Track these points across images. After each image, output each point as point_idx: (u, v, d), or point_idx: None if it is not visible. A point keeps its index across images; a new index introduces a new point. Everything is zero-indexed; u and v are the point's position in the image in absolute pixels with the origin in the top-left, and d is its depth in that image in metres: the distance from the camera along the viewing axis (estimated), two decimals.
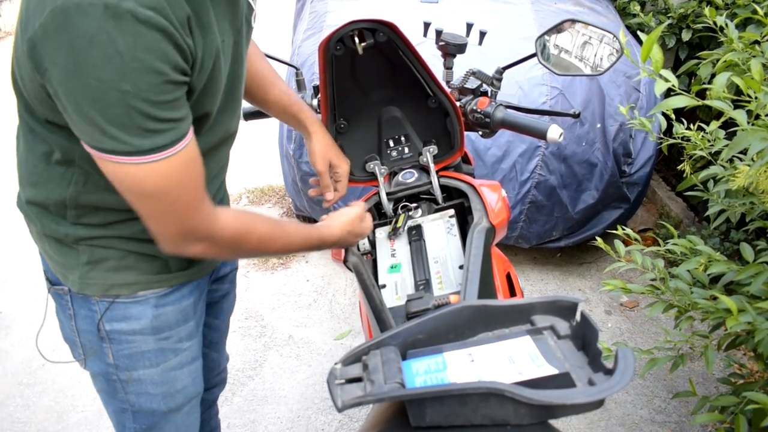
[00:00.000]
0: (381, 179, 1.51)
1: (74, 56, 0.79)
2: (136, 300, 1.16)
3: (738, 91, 1.50)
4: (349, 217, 1.31)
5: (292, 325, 2.89)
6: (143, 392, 1.24)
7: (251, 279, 3.18)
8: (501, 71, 1.55)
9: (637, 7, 3.38)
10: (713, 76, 1.54)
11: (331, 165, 1.44)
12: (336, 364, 0.92)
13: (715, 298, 1.59)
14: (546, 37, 1.53)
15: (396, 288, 1.33)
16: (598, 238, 1.83)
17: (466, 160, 1.70)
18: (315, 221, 1.37)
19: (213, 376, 1.62)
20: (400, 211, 1.50)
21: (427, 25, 1.63)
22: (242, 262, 3.15)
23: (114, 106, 0.82)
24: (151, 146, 0.87)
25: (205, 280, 1.31)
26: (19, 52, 0.91)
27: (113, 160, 0.88)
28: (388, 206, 1.50)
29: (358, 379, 0.88)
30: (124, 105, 0.82)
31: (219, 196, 1.27)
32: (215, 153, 1.15)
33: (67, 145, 1.01)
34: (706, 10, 1.72)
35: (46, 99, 0.92)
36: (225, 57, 1.01)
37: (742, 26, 2.58)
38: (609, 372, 0.80)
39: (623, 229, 1.80)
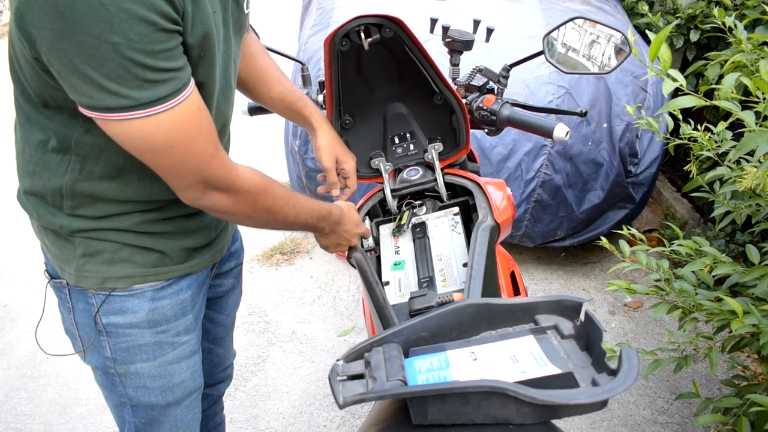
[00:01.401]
0: (386, 176, 1.51)
1: (60, 16, 0.79)
2: (132, 293, 1.16)
3: (746, 92, 1.49)
4: (356, 213, 1.35)
5: (295, 321, 2.89)
6: (141, 386, 1.24)
7: (255, 275, 3.18)
8: (508, 69, 1.54)
9: (646, 7, 3.37)
10: (721, 77, 1.54)
11: (337, 161, 1.44)
12: (338, 360, 0.92)
13: (719, 300, 1.58)
14: (553, 35, 1.52)
15: (399, 285, 1.32)
16: (602, 238, 1.82)
17: (471, 157, 1.69)
18: None
19: (218, 372, 1.62)
20: (404, 208, 1.50)
21: (434, 22, 1.63)
22: (246, 257, 3.15)
23: (108, 60, 0.82)
24: (152, 97, 0.87)
25: (204, 274, 1.30)
26: (12, 32, 0.91)
27: (118, 117, 0.88)
28: (392, 203, 1.49)
29: (360, 376, 0.88)
30: (119, 57, 0.82)
31: None
32: None
33: (63, 132, 1.01)
34: (715, 11, 1.71)
35: (41, 76, 0.92)
36: (217, 30, 1.00)
37: (751, 27, 2.57)
38: (613, 373, 0.80)
39: (628, 230, 1.79)
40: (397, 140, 1.53)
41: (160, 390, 1.26)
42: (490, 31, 1.59)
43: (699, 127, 1.81)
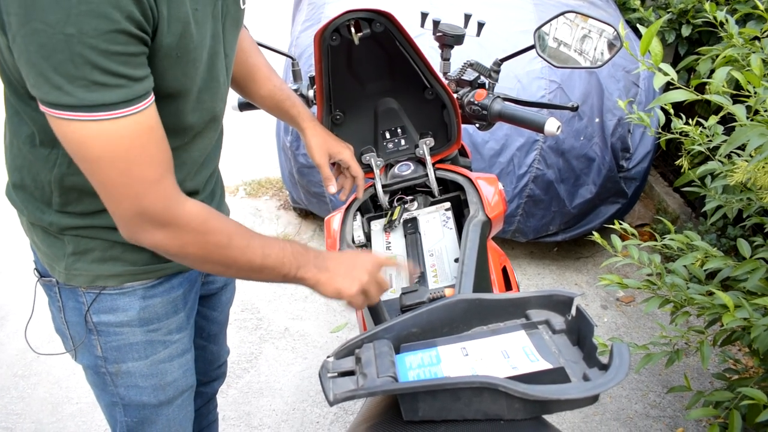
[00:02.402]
0: (377, 171, 1.50)
1: (24, 1, 0.77)
2: (123, 291, 1.15)
3: (737, 87, 1.49)
4: (358, 255, 1.15)
5: (287, 318, 2.89)
6: (132, 385, 1.23)
7: None
8: (499, 63, 1.54)
9: (637, 2, 3.36)
10: (712, 71, 1.54)
11: (332, 155, 1.42)
12: (328, 357, 0.91)
13: (711, 294, 1.59)
14: (545, 30, 1.52)
15: (391, 281, 1.32)
16: (595, 233, 1.82)
17: (463, 153, 1.69)
18: (312, 214, 1.34)
19: (212, 370, 1.61)
20: (395, 204, 1.49)
21: (424, 16, 1.62)
22: None
23: (58, 51, 0.78)
24: (97, 101, 0.82)
25: (196, 272, 1.29)
26: None
27: (59, 115, 0.83)
28: (383, 199, 1.49)
29: (350, 373, 0.88)
30: (69, 51, 0.78)
31: (210, 187, 1.24)
32: (200, 138, 1.12)
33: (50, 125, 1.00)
34: (707, 6, 1.71)
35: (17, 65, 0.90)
36: (199, 27, 0.96)
37: (742, 22, 2.57)
38: (604, 367, 0.80)
39: (620, 224, 1.80)
40: (388, 135, 1.52)
41: (152, 389, 1.25)
42: (481, 26, 1.59)
43: (690, 121, 1.81)
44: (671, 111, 1.81)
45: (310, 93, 1.64)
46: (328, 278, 1.10)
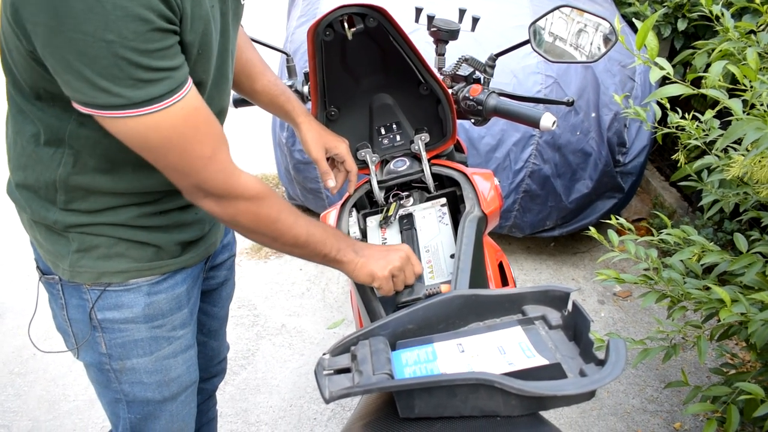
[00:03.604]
0: (372, 167, 1.50)
1: (55, 12, 0.78)
2: (128, 288, 1.15)
3: (733, 81, 1.48)
4: (393, 245, 1.22)
5: (284, 314, 2.88)
6: (137, 381, 1.23)
7: (244, 268, 3.17)
8: (494, 58, 1.53)
9: None
10: (708, 65, 1.53)
11: (328, 150, 1.42)
12: (324, 354, 0.91)
13: (708, 289, 1.58)
14: (540, 24, 1.51)
15: None
16: (591, 228, 1.82)
17: (459, 148, 1.69)
18: (308, 210, 1.34)
19: (213, 366, 1.61)
20: (391, 200, 1.49)
21: (419, 11, 1.61)
22: (236, 250, 3.14)
23: (101, 57, 0.81)
24: (145, 97, 0.86)
25: (199, 268, 1.30)
26: (4, 24, 0.89)
27: (111, 115, 0.87)
28: (379, 195, 1.48)
29: (346, 370, 0.87)
30: (112, 55, 0.81)
31: None
32: None
33: (57, 125, 0.99)
34: (702, 0, 1.70)
35: (35, 68, 0.91)
36: (215, 24, 0.99)
37: (738, 15, 2.57)
38: (601, 363, 0.80)
39: (617, 219, 1.79)
40: (383, 131, 1.52)
41: (156, 385, 1.25)
42: (475, 20, 1.58)
43: (687, 115, 1.81)
44: (667, 105, 1.81)
45: (305, 89, 1.63)
46: (364, 263, 1.16)
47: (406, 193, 1.50)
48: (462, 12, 1.58)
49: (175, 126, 0.91)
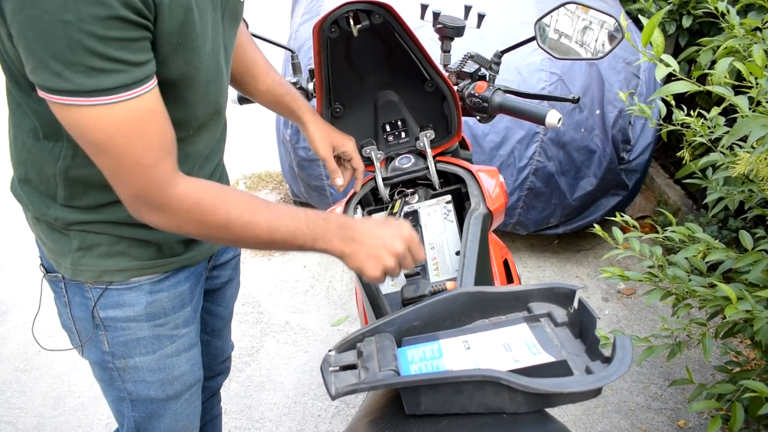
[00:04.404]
0: (377, 164, 1.50)
1: None
2: (130, 286, 1.15)
3: (739, 77, 1.48)
4: (388, 223, 1.08)
5: (288, 312, 2.89)
6: (140, 380, 1.23)
7: (248, 265, 3.17)
8: (499, 55, 1.53)
9: None
10: (714, 62, 1.53)
11: (335, 148, 1.42)
12: (330, 351, 0.91)
13: (713, 286, 1.58)
14: (545, 21, 1.51)
15: None
16: (596, 225, 1.82)
17: (463, 145, 1.68)
18: (312, 207, 1.33)
19: (216, 364, 1.61)
20: (396, 197, 1.49)
21: (424, 8, 1.61)
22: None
23: (57, 38, 0.79)
24: (95, 86, 0.83)
25: (202, 266, 1.29)
26: None
27: (60, 101, 0.84)
28: (384, 192, 1.48)
29: (352, 366, 0.87)
30: (67, 37, 0.79)
31: (215, 180, 1.24)
32: (205, 131, 1.12)
33: (54, 118, 0.98)
34: None
35: (19, 55, 0.89)
36: (201, 16, 0.96)
37: (743, 12, 2.56)
38: (607, 360, 0.80)
39: (621, 216, 1.79)
40: (388, 128, 1.52)
41: (159, 383, 1.25)
42: (481, 17, 1.58)
43: (692, 113, 1.80)
44: (672, 102, 1.81)
45: (310, 86, 1.63)
46: (353, 251, 1.04)
47: (411, 190, 1.50)
48: (467, 9, 1.58)
49: (120, 123, 0.87)
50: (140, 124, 0.89)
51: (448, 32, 1.54)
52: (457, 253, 1.29)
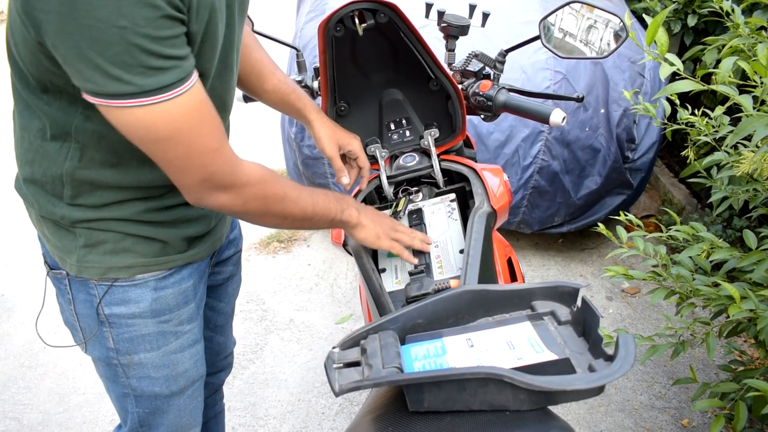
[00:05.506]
0: (382, 162, 1.50)
1: None
2: (135, 283, 1.15)
3: (744, 77, 1.48)
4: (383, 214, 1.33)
5: (293, 309, 2.89)
6: (144, 376, 1.24)
7: (252, 263, 3.18)
8: (504, 54, 1.53)
9: None
10: (719, 62, 1.53)
11: (341, 146, 1.42)
12: (334, 348, 0.91)
13: (717, 285, 1.58)
14: (550, 20, 1.51)
15: (396, 272, 1.32)
16: (600, 224, 1.81)
17: (468, 144, 1.69)
18: None
19: (219, 360, 1.62)
20: (400, 195, 1.49)
21: (429, 7, 1.61)
22: (244, 245, 3.15)
23: (114, 44, 0.81)
24: (156, 85, 0.86)
25: (205, 263, 1.30)
26: (12, 15, 0.90)
27: (120, 104, 0.87)
28: (388, 190, 1.49)
29: (356, 364, 0.88)
30: (124, 42, 0.81)
31: None
32: None
33: (63, 118, 1.00)
34: None
35: (42, 61, 0.91)
36: (221, 14, 0.99)
37: (748, 11, 2.55)
38: (610, 358, 0.80)
39: (626, 215, 1.79)
40: (393, 126, 1.52)
41: (164, 379, 1.26)
42: (486, 16, 1.58)
43: (696, 112, 1.80)
44: (677, 101, 1.81)
45: (315, 84, 1.64)
46: (367, 224, 1.26)
47: (416, 188, 1.50)
48: (472, 8, 1.58)
49: (184, 116, 0.91)
50: (199, 113, 0.94)
51: (453, 31, 1.55)
52: (461, 252, 1.29)
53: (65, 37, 0.82)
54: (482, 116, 1.54)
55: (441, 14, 1.54)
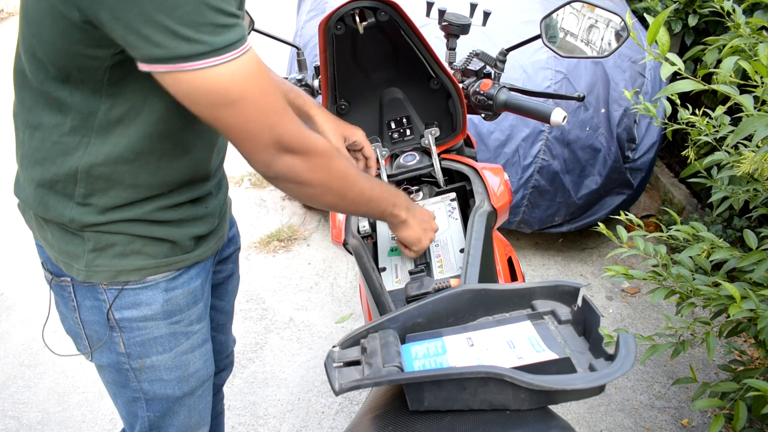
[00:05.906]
0: (382, 161, 1.50)
1: None
2: (146, 285, 1.14)
3: (744, 76, 1.48)
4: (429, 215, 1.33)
5: (293, 308, 2.89)
6: (157, 379, 1.23)
7: (252, 262, 3.18)
8: (505, 53, 1.53)
9: None
10: (719, 61, 1.53)
11: (346, 138, 1.42)
12: (334, 347, 0.91)
13: (717, 285, 1.58)
14: (551, 19, 1.51)
15: (396, 271, 1.32)
16: (600, 224, 1.81)
17: (468, 143, 1.69)
18: None
19: (221, 360, 1.61)
20: None
21: (430, 5, 1.61)
22: (244, 244, 3.15)
23: (182, 4, 0.80)
24: (225, 42, 0.85)
25: (210, 262, 1.30)
26: (35, 6, 0.88)
27: (192, 67, 0.85)
28: None
29: (356, 363, 0.88)
30: (193, 1, 0.81)
31: (219, 175, 1.25)
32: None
33: (86, 109, 0.98)
34: None
35: (74, 45, 0.90)
36: None
37: (749, 11, 2.55)
38: (610, 358, 0.80)
39: (626, 215, 1.79)
40: (393, 125, 1.52)
41: (176, 381, 1.25)
42: (486, 15, 1.58)
43: (697, 111, 1.80)
44: (677, 101, 1.80)
45: (315, 83, 1.64)
46: (414, 225, 1.25)
47: (416, 187, 1.50)
48: (473, 6, 1.58)
49: (252, 75, 0.90)
50: (262, 72, 0.92)
51: (454, 30, 1.55)
52: (462, 251, 1.29)
53: (129, 5, 0.81)
54: (483, 115, 1.54)
55: (442, 13, 1.54)
